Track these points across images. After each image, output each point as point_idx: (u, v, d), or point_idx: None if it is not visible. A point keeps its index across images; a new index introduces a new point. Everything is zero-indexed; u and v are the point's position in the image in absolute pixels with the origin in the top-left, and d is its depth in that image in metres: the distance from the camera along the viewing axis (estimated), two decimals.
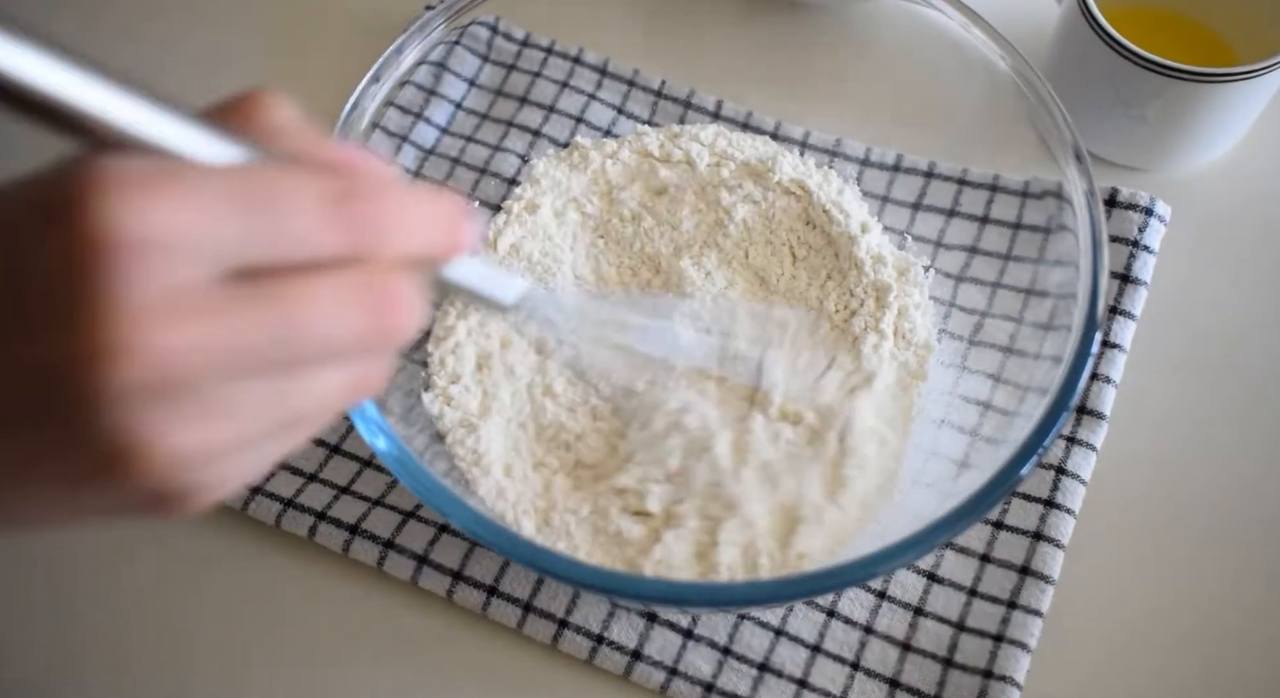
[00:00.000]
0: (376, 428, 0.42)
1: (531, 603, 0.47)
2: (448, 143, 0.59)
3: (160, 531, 0.50)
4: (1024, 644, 0.46)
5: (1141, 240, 0.54)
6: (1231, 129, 0.57)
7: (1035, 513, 0.49)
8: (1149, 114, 0.55)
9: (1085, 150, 0.47)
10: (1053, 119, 0.48)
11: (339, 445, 0.51)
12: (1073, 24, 0.55)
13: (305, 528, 0.48)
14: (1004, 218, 0.54)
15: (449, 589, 0.48)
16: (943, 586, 0.48)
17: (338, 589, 0.49)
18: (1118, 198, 0.55)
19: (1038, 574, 0.47)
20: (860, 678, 0.46)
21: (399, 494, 0.49)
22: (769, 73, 0.58)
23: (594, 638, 0.47)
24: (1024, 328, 0.50)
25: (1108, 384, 0.51)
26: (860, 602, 0.48)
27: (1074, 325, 0.44)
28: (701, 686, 0.46)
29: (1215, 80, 0.53)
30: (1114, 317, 0.52)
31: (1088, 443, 0.50)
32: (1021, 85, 0.49)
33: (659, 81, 0.60)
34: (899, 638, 0.47)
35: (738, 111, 0.59)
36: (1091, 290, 0.44)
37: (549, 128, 0.59)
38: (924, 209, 0.55)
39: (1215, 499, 0.51)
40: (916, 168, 0.56)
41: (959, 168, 0.56)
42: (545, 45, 0.61)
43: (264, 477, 0.50)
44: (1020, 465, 0.41)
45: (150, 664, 0.47)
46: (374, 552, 0.48)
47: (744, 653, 0.46)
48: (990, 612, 0.47)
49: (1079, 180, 0.46)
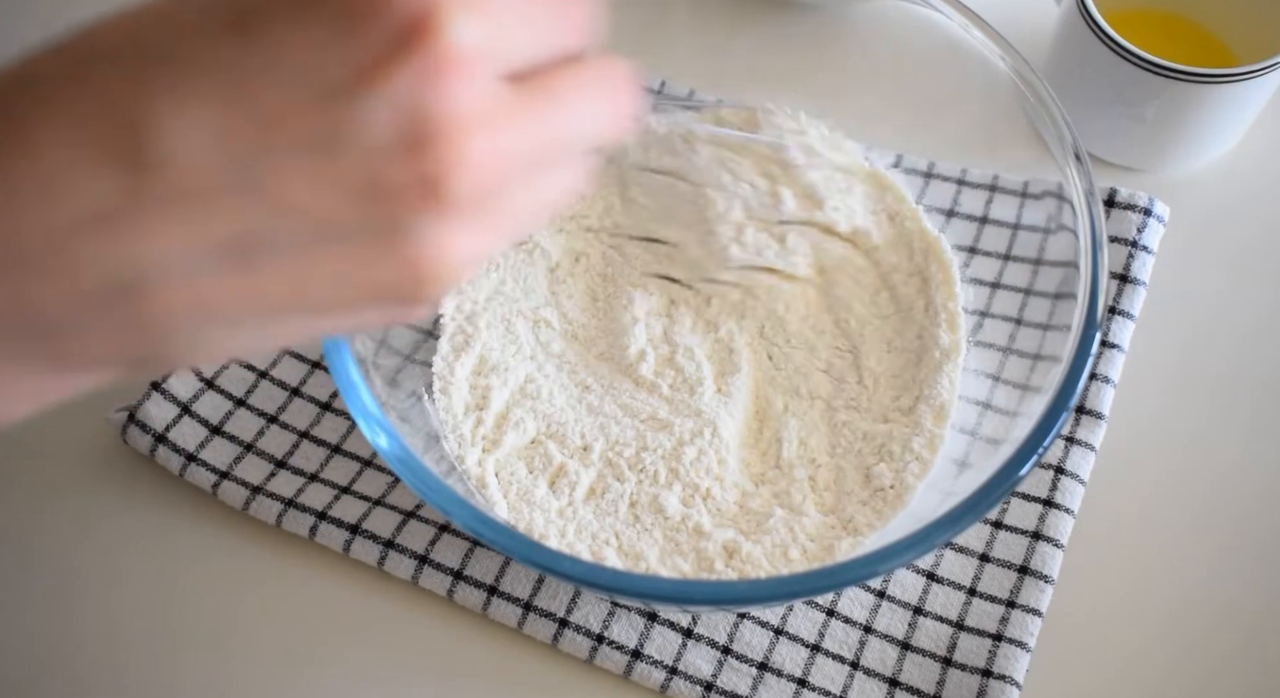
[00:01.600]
0: (378, 427, 0.42)
1: (532, 602, 0.47)
2: None
3: (161, 531, 0.50)
4: (1023, 644, 0.46)
5: (1140, 241, 0.54)
6: (1230, 130, 0.58)
7: (1034, 513, 0.49)
8: (1148, 114, 0.55)
9: (1085, 150, 0.47)
10: (1052, 119, 0.48)
11: (340, 445, 0.51)
12: (1072, 25, 0.55)
13: (306, 528, 0.48)
14: (1003, 218, 0.54)
15: (449, 589, 0.48)
16: (942, 585, 0.48)
17: (338, 589, 0.49)
18: (1116, 198, 0.55)
19: (1037, 574, 0.47)
20: (860, 677, 0.46)
21: (399, 494, 0.49)
22: (769, 73, 0.58)
23: (594, 637, 0.47)
24: (1023, 328, 0.50)
25: (1106, 384, 0.51)
26: (860, 601, 0.48)
27: (1073, 325, 0.44)
28: (701, 685, 0.46)
29: (1214, 81, 0.53)
30: (1112, 317, 0.53)
31: (1087, 443, 0.50)
32: (1021, 85, 0.49)
33: (659, 81, 0.60)
34: (898, 637, 0.47)
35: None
36: (1091, 290, 0.44)
37: None
38: (923, 209, 0.56)
39: (1214, 499, 0.51)
40: (916, 168, 0.56)
41: (958, 168, 0.56)
42: None
43: (264, 477, 0.50)
44: (1020, 465, 0.41)
45: (149, 664, 0.47)
46: (374, 552, 0.48)
47: (744, 652, 0.47)
48: (989, 611, 0.47)
49: (1078, 180, 0.47)
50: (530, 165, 0.25)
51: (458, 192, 0.23)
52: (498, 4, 0.24)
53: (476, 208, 0.24)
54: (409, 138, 0.23)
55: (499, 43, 0.24)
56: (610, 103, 0.27)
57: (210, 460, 0.50)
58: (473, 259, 0.25)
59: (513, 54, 0.24)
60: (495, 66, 0.24)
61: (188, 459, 0.50)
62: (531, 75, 0.25)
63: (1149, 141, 0.57)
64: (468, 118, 0.23)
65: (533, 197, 0.26)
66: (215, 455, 0.50)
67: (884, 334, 0.52)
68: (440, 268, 0.25)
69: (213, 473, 0.49)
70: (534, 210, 0.26)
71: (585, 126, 0.26)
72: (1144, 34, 0.55)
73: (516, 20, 0.24)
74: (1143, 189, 0.56)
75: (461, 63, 0.23)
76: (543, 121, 0.25)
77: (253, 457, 0.50)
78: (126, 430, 0.50)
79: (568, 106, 0.26)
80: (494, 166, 0.24)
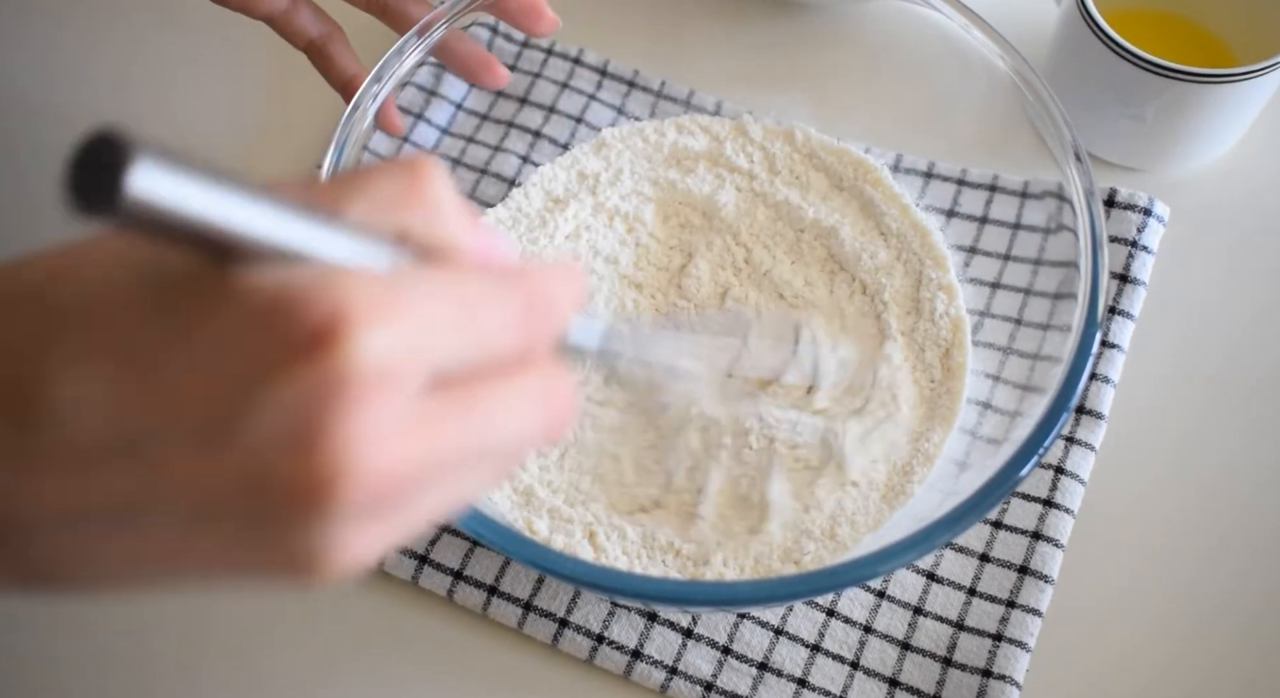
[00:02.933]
0: None
1: (532, 603, 0.47)
2: (448, 143, 0.59)
3: None
4: (1023, 644, 0.46)
5: (1140, 241, 0.54)
6: (1230, 130, 0.58)
7: (1034, 513, 0.49)
8: (1148, 114, 0.55)
9: (1085, 150, 0.47)
10: (1052, 119, 0.48)
11: None
12: (1072, 25, 0.55)
13: None
14: (1003, 218, 0.54)
15: (449, 589, 0.48)
16: (942, 585, 0.48)
17: (338, 589, 0.49)
18: (1116, 198, 0.55)
19: (1037, 574, 0.47)
20: (860, 677, 0.46)
21: None
22: (769, 73, 0.58)
23: (594, 638, 0.47)
24: (1023, 328, 0.50)
25: (1106, 384, 0.51)
26: (860, 601, 0.48)
27: (1074, 325, 0.44)
28: (701, 685, 0.46)
29: (1214, 81, 0.53)
30: (1112, 317, 0.53)
31: (1086, 443, 0.50)
32: (1021, 85, 0.49)
33: (659, 82, 0.60)
34: (898, 638, 0.47)
35: (737, 112, 0.59)
36: (1092, 290, 0.44)
37: (549, 129, 0.59)
38: (923, 209, 0.56)
39: (1214, 499, 0.51)
40: (916, 168, 0.56)
41: (958, 168, 0.56)
42: (545, 46, 0.62)
43: None
44: (1020, 466, 0.41)
45: (147, 663, 0.47)
46: None
47: (744, 652, 0.47)
48: (989, 611, 0.47)
49: (1079, 180, 0.47)
50: (440, 471, 0.24)
51: (348, 500, 0.22)
52: (425, 309, 0.23)
53: (372, 514, 0.23)
54: (300, 443, 0.22)
55: (417, 354, 0.23)
56: (544, 410, 0.26)
57: None
58: (370, 556, 0.24)
59: (439, 359, 0.23)
60: (410, 380, 0.23)
61: None
62: (460, 379, 0.24)
63: (1149, 142, 0.57)
64: (362, 433, 0.22)
65: (444, 495, 0.25)
66: None
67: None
68: (329, 567, 0.24)
69: None
70: (445, 507, 0.26)
71: (509, 434, 0.25)
72: (1144, 34, 0.55)
73: (446, 327, 0.24)
74: (1143, 189, 0.56)
75: (362, 384, 0.22)
76: (460, 431, 0.24)
77: None
78: None
79: (491, 415, 0.25)
80: (393, 477, 0.23)
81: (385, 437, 0.23)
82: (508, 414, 0.25)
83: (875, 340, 0.52)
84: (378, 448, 0.22)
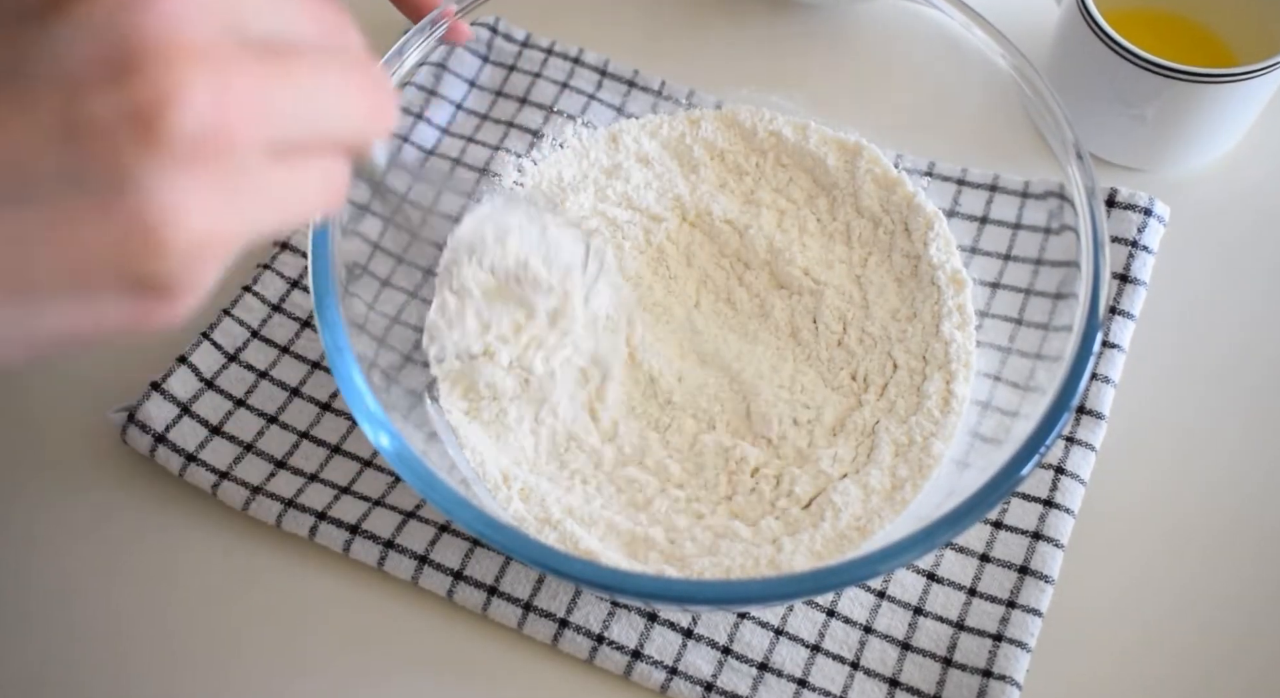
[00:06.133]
0: (380, 426, 0.42)
1: (532, 603, 0.47)
2: (448, 143, 0.59)
3: (161, 531, 0.50)
4: (1023, 644, 0.46)
5: (1140, 240, 0.54)
6: (1230, 129, 0.58)
7: (1035, 513, 0.49)
8: (1148, 114, 0.55)
9: (1086, 149, 0.47)
10: (1053, 118, 0.48)
11: (340, 446, 0.51)
12: (1072, 24, 0.55)
13: (306, 528, 0.48)
14: (1004, 218, 0.54)
15: (449, 589, 0.48)
16: (942, 585, 0.48)
17: (338, 589, 0.49)
18: (1117, 198, 0.55)
19: (1037, 574, 0.47)
20: (860, 678, 0.46)
21: (400, 494, 0.49)
22: (769, 73, 0.58)
23: (594, 638, 0.47)
24: (1024, 328, 0.50)
25: (1107, 384, 0.51)
26: (860, 602, 0.48)
27: (1075, 325, 0.44)
28: (701, 685, 0.46)
29: (1214, 81, 0.53)
30: (1113, 317, 0.53)
31: (1087, 443, 0.50)
32: (1022, 85, 0.49)
33: (659, 82, 0.60)
34: (899, 638, 0.47)
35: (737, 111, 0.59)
36: (1093, 290, 0.44)
37: (549, 128, 0.59)
38: None
39: (1214, 499, 0.51)
40: (916, 168, 0.56)
41: (959, 168, 0.56)
42: (545, 46, 0.62)
43: (264, 477, 0.50)
44: (1021, 466, 0.41)
45: (150, 664, 0.47)
46: (374, 552, 0.48)
47: (744, 652, 0.47)
48: (990, 611, 0.47)
49: (1080, 179, 0.46)
50: (270, 130, 0.22)
51: (179, 127, 0.20)
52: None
53: (209, 161, 0.21)
54: (114, 65, 0.20)
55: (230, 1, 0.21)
56: (366, 96, 0.24)
57: (210, 461, 0.50)
58: (216, 235, 0.22)
59: (248, 19, 0.22)
60: (224, 17, 0.21)
61: (187, 459, 0.50)
62: (276, 49, 0.22)
63: (1149, 141, 0.57)
64: (186, 45, 0.20)
65: (282, 178, 0.23)
66: (215, 456, 0.50)
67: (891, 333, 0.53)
68: (174, 230, 0.21)
69: (212, 473, 0.49)
70: (284, 197, 0.23)
71: (331, 108, 0.23)
72: (1144, 34, 0.55)
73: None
74: (1143, 189, 0.56)
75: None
76: (282, 83, 0.22)
77: (252, 457, 0.50)
78: (126, 431, 0.50)
79: (311, 79, 0.23)
80: (220, 109, 0.21)
81: (208, 57, 0.21)
82: (330, 86, 0.23)
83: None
84: (202, 68, 0.20)
